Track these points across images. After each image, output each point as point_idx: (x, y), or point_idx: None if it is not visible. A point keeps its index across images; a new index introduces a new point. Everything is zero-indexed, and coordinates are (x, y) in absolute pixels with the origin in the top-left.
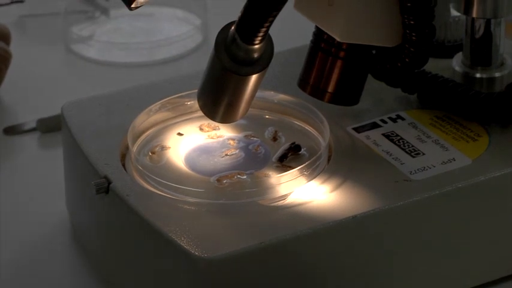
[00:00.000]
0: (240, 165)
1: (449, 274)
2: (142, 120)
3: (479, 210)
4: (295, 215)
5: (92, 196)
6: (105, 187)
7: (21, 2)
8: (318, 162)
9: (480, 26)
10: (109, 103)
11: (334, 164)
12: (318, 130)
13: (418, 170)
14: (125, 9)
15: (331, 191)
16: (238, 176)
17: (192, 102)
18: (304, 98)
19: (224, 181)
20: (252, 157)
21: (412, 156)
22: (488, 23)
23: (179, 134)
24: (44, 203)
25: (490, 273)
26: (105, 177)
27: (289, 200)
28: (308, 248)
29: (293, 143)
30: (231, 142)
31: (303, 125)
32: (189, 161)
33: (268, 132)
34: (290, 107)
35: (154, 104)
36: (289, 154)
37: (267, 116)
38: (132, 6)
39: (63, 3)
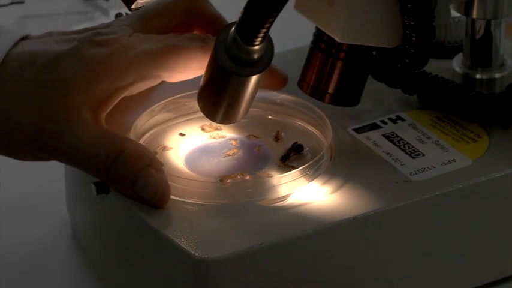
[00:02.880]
0: (242, 165)
1: (450, 275)
2: (145, 120)
3: (479, 211)
4: (296, 216)
5: (92, 197)
6: (105, 188)
7: (21, 2)
8: (320, 162)
9: (480, 27)
10: None
11: (334, 165)
12: (320, 130)
13: (418, 171)
14: (125, 10)
15: (332, 192)
16: (241, 176)
17: (194, 102)
18: (304, 98)
19: (227, 181)
20: (254, 157)
21: (412, 157)
22: (488, 24)
23: (181, 134)
24: (44, 203)
25: (491, 273)
26: None
27: (290, 201)
28: (308, 249)
29: (295, 143)
30: (233, 142)
31: (305, 125)
32: (190, 161)
33: (271, 133)
34: (292, 108)
35: (156, 105)
36: (292, 154)
37: (269, 116)
38: (132, 7)
39: (63, 3)
